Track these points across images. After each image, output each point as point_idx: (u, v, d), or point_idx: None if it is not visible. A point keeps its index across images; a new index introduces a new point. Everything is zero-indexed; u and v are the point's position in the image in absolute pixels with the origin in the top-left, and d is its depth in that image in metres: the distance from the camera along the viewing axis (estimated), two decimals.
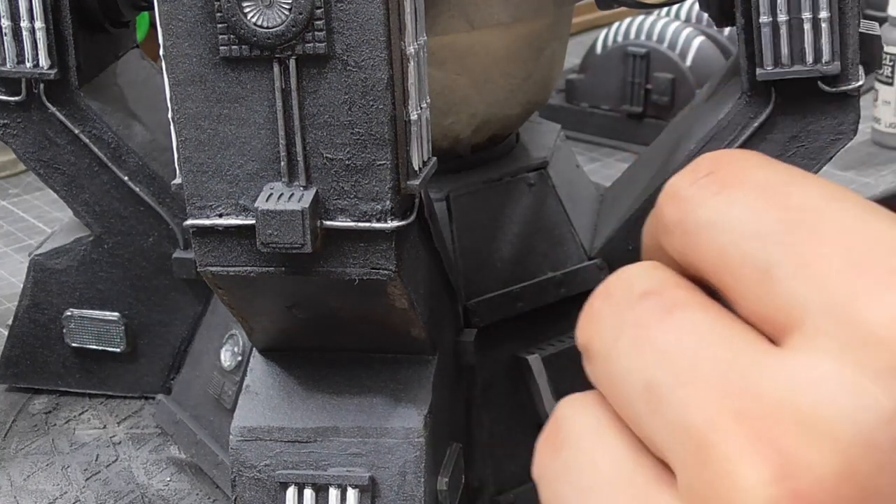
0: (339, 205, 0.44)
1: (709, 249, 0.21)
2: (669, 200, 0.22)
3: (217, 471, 0.64)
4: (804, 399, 0.19)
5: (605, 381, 0.22)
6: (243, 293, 0.48)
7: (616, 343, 0.22)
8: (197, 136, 0.44)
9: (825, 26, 0.54)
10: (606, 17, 1.48)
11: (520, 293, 0.63)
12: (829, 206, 0.20)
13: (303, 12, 0.41)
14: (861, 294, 0.19)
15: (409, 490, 0.51)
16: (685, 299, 0.21)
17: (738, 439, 0.19)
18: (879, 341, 0.18)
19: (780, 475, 0.18)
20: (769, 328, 0.20)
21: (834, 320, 0.19)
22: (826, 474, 0.18)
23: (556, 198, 0.67)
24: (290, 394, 0.53)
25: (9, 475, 0.67)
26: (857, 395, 0.18)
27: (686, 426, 0.19)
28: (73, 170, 0.67)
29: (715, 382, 0.19)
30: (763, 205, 0.21)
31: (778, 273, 0.20)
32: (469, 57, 0.60)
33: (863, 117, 0.57)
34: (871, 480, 0.18)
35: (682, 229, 0.22)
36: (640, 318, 0.21)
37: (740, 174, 0.22)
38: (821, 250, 0.20)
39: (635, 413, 0.21)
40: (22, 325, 0.73)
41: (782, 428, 0.18)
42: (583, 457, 0.22)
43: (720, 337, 0.20)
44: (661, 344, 0.21)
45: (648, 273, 0.22)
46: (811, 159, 0.57)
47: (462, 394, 0.60)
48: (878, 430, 0.18)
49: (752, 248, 0.20)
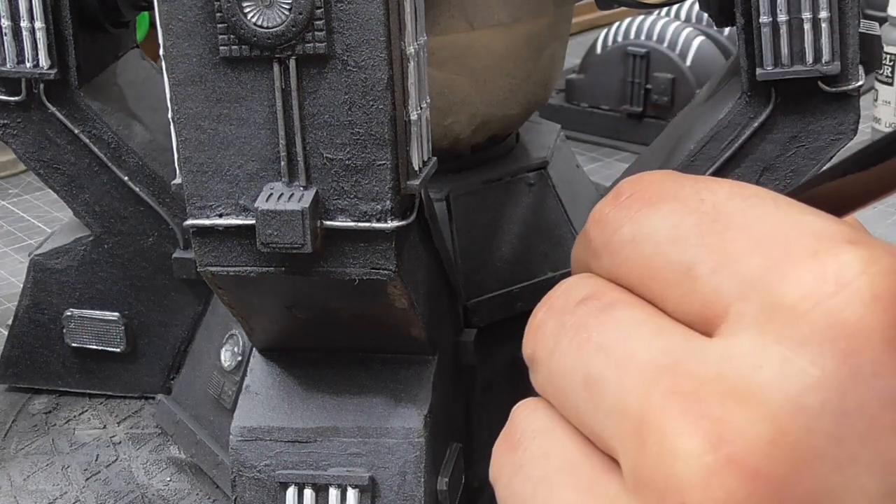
0: (339, 205, 0.44)
1: (634, 262, 0.22)
2: (595, 225, 0.24)
3: (217, 471, 0.64)
4: (733, 373, 0.19)
5: (549, 385, 0.23)
6: (243, 293, 0.48)
7: (557, 347, 0.23)
8: (197, 136, 0.44)
9: (825, 26, 0.54)
10: (606, 17, 1.48)
11: (520, 293, 0.63)
12: (739, 204, 0.22)
13: (303, 12, 0.41)
14: (775, 275, 0.20)
15: (409, 490, 0.51)
16: (620, 299, 0.22)
17: (672, 415, 0.19)
18: (798, 315, 0.19)
19: (714, 443, 0.19)
20: (699, 325, 0.21)
21: (753, 303, 0.20)
22: (758, 439, 0.19)
23: (556, 198, 0.67)
24: (290, 394, 0.53)
25: (9, 475, 0.67)
26: (783, 365, 0.19)
27: (623, 410, 0.20)
28: (73, 170, 0.67)
29: (649, 367, 0.20)
30: (679, 213, 0.22)
31: (698, 271, 0.21)
32: (469, 57, 0.60)
33: (863, 117, 0.57)
34: (802, 444, 0.19)
35: (607, 249, 0.23)
36: (579, 320, 0.23)
37: (656, 191, 0.23)
38: (735, 244, 0.21)
39: (577, 410, 0.22)
40: (22, 325, 0.73)
41: (713, 400, 0.19)
42: (536, 452, 0.23)
43: (655, 328, 0.21)
44: (599, 339, 0.22)
45: (585, 281, 0.24)
46: (811, 159, 0.57)
47: (462, 394, 0.60)
48: (805, 395, 0.19)
49: (672, 253, 0.22)
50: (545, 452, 0.23)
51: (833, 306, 0.19)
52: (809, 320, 0.19)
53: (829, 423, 0.19)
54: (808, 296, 0.19)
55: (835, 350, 0.19)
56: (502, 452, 0.24)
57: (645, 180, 0.23)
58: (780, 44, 0.54)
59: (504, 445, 0.25)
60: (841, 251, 0.20)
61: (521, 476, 0.23)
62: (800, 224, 0.21)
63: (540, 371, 0.24)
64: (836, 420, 0.19)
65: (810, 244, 0.20)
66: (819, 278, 0.19)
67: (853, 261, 0.19)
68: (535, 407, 0.24)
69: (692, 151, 0.60)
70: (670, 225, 0.22)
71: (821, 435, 0.19)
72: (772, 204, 0.21)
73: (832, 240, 0.20)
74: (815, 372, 0.19)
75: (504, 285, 0.63)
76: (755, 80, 0.56)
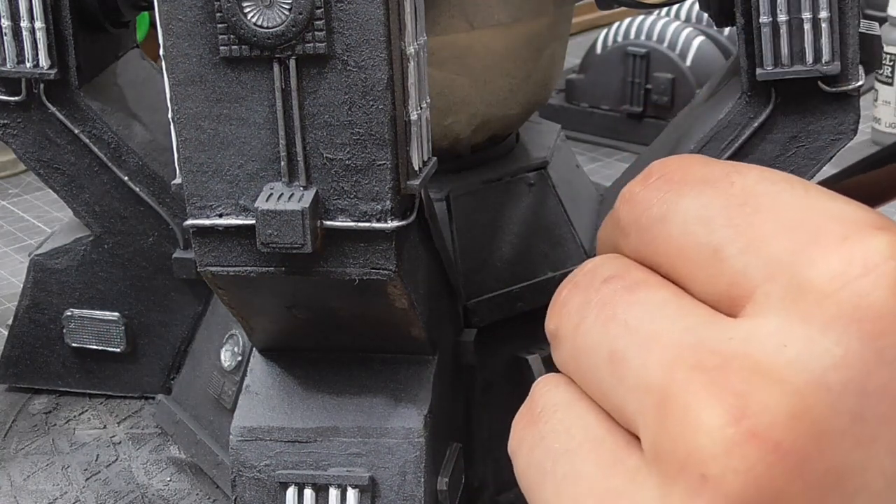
0: (339, 205, 0.44)
1: (662, 241, 0.23)
2: (625, 204, 0.24)
3: (217, 471, 0.64)
4: (758, 351, 0.20)
5: (572, 361, 0.24)
6: (243, 293, 0.48)
7: (582, 323, 0.23)
8: (197, 136, 0.44)
9: (825, 26, 0.54)
10: (606, 17, 1.48)
11: (520, 293, 0.63)
12: (767, 188, 0.22)
13: (303, 12, 0.41)
14: (803, 258, 0.20)
15: (409, 490, 0.51)
16: (646, 279, 0.23)
17: (696, 389, 0.20)
18: (824, 296, 0.20)
19: (737, 417, 0.19)
20: (724, 306, 0.21)
21: (780, 284, 0.20)
22: (781, 414, 0.19)
23: (556, 198, 0.67)
24: (290, 394, 0.53)
25: (9, 475, 0.67)
26: (808, 344, 0.19)
27: (647, 385, 0.21)
28: (73, 170, 0.67)
29: (673, 344, 0.21)
30: (708, 195, 0.22)
31: (726, 252, 0.21)
32: (469, 57, 0.60)
33: (863, 117, 0.57)
34: (824, 421, 0.19)
35: (636, 228, 0.24)
36: (605, 298, 0.23)
37: (686, 173, 0.23)
38: (763, 227, 0.21)
39: (600, 385, 0.22)
40: (22, 325, 0.73)
41: (737, 376, 0.20)
42: (558, 425, 0.23)
43: (679, 307, 0.22)
44: (624, 317, 0.22)
45: (611, 261, 0.24)
46: (811, 159, 0.57)
47: (462, 394, 0.60)
48: (828, 374, 0.19)
49: (701, 233, 0.22)
50: (567, 427, 0.23)
51: (860, 289, 0.19)
52: (835, 302, 0.19)
53: (851, 402, 0.19)
54: (835, 278, 0.20)
55: (860, 331, 0.19)
56: (523, 425, 0.25)
57: (675, 163, 0.24)
58: (780, 44, 0.54)
59: (525, 418, 0.25)
60: (869, 236, 0.20)
61: (542, 448, 0.23)
62: (829, 210, 0.21)
63: (563, 346, 0.24)
64: (859, 400, 0.19)
65: (839, 229, 0.20)
66: (846, 261, 0.20)
67: (881, 246, 0.20)
68: (557, 382, 0.24)
69: (692, 151, 0.60)
70: (699, 206, 0.22)
71: (843, 413, 0.19)
72: (801, 189, 0.22)
73: (860, 225, 0.20)
74: (839, 352, 0.19)
75: (504, 285, 0.63)
76: (755, 80, 0.56)
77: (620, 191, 0.25)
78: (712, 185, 0.22)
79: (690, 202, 0.22)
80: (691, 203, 0.22)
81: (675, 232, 0.22)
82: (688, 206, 0.22)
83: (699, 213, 0.22)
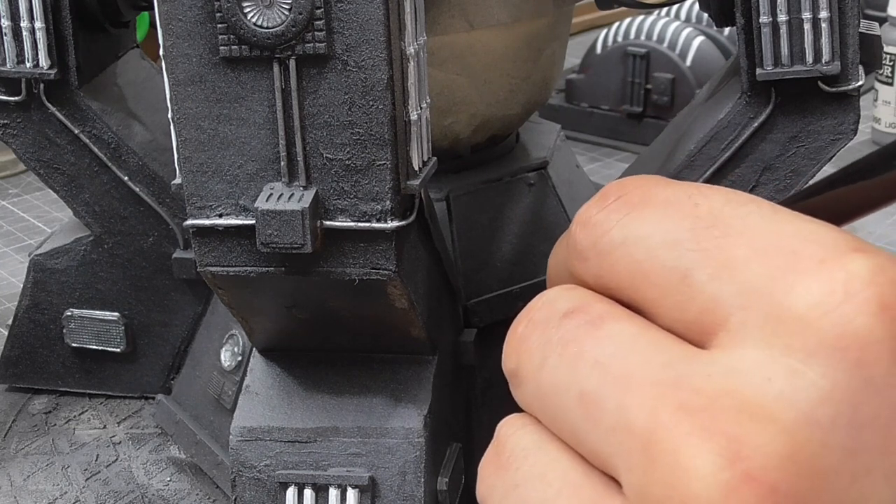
0: (339, 205, 0.44)
1: (625, 266, 0.22)
2: (581, 228, 0.23)
3: (217, 471, 0.64)
4: (742, 387, 0.19)
5: (536, 402, 0.22)
6: (243, 293, 0.48)
7: (545, 362, 0.22)
8: (197, 136, 0.44)
9: (825, 26, 0.54)
10: (606, 17, 1.48)
11: (520, 293, 0.63)
12: (735, 210, 0.21)
13: (303, 12, 0.41)
14: (779, 283, 0.19)
15: (409, 490, 0.51)
16: (609, 311, 0.22)
17: (684, 432, 0.19)
18: (805, 325, 0.19)
19: (731, 460, 0.18)
20: (694, 334, 0.20)
21: (757, 312, 0.19)
22: (775, 455, 0.18)
23: (556, 198, 0.67)
24: (290, 394, 0.53)
25: (9, 475, 0.67)
26: (792, 377, 0.19)
27: (628, 428, 0.19)
28: (73, 170, 0.67)
29: (652, 383, 0.20)
30: (673, 217, 0.21)
31: (695, 277, 0.20)
32: (469, 57, 0.60)
33: (863, 117, 0.57)
34: (818, 458, 0.18)
35: (595, 252, 0.22)
36: (568, 335, 0.22)
37: (647, 195, 0.22)
38: (734, 251, 0.20)
39: (572, 427, 0.21)
40: (22, 325, 0.73)
41: (726, 416, 0.19)
42: (531, 472, 0.22)
43: (651, 341, 0.20)
44: (593, 355, 0.21)
45: (567, 293, 0.23)
46: (811, 159, 0.57)
47: (462, 394, 0.60)
48: (816, 409, 0.18)
49: (667, 258, 0.21)
50: (540, 472, 0.22)
51: (843, 316, 0.18)
52: (818, 330, 0.19)
53: (843, 436, 0.18)
54: (816, 305, 0.19)
55: (846, 361, 0.18)
56: (491, 471, 0.23)
57: (633, 184, 0.23)
58: (780, 44, 0.54)
59: (492, 464, 0.23)
60: (847, 259, 0.19)
61: (516, 497, 0.22)
62: (801, 231, 0.20)
63: (526, 387, 0.23)
64: (850, 433, 0.18)
65: (815, 252, 0.19)
66: (826, 287, 0.19)
67: (860, 269, 0.19)
68: (524, 423, 0.23)
69: (692, 151, 0.60)
70: (664, 229, 0.21)
71: (836, 448, 0.18)
72: (769, 211, 0.21)
73: (837, 247, 0.19)
74: (825, 384, 0.18)
75: (504, 285, 0.63)
76: (755, 80, 0.56)
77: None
78: (675, 206, 0.21)
79: (654, 225, 0.21)
80: (655, 226, 0.21)
81: (639, 256, 0.21)
82: (651, 229, 0.21)
83: (664, 237, 0.21)
